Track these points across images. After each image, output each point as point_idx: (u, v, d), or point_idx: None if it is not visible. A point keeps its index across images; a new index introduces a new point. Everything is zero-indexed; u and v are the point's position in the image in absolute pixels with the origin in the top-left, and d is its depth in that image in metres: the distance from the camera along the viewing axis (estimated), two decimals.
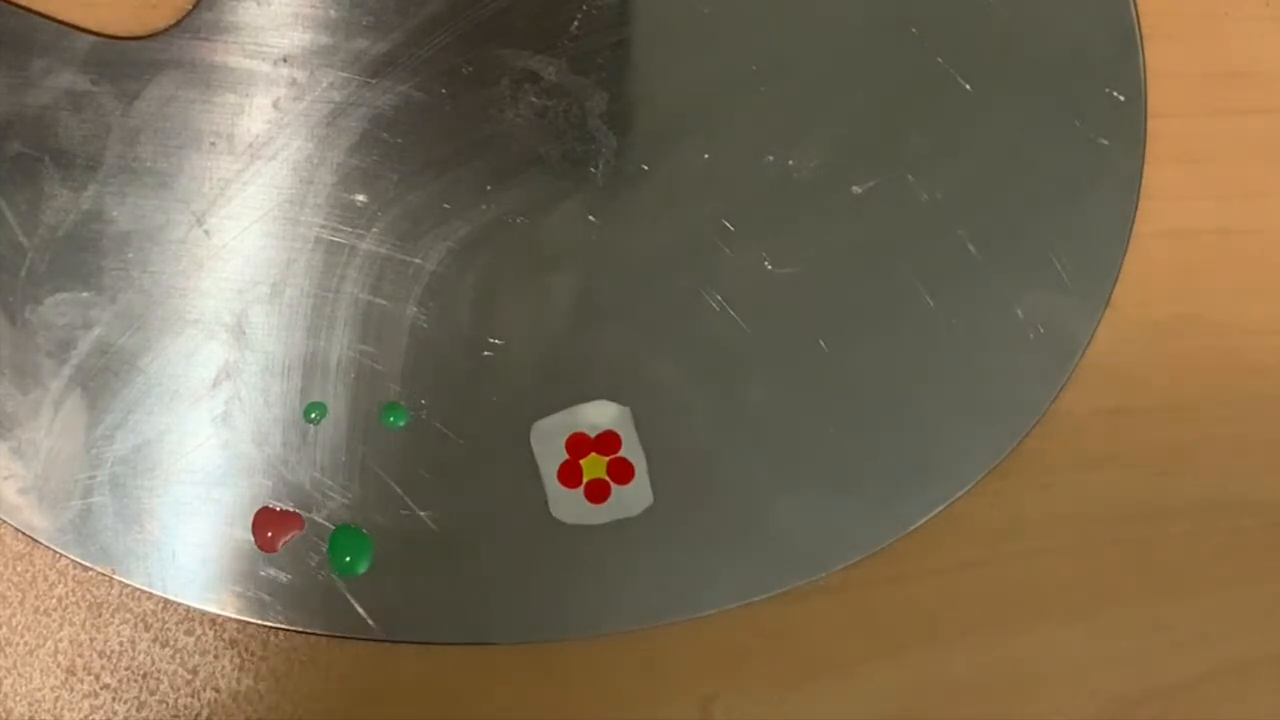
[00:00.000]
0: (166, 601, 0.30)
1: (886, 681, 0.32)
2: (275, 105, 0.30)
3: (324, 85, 0.30)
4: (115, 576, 0.30)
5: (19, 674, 0.30)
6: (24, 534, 0.29)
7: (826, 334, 0.31)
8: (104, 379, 0.30)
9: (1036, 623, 0.32)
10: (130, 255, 0.30)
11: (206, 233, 0.30)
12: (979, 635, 0.32)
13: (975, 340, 0.31)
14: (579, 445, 0.30)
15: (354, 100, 0.30)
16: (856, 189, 0.31)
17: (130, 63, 0.30)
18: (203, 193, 0.30)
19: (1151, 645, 0.33)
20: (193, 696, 0.30)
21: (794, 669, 0.32)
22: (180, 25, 0.30)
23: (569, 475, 0.30)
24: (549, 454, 0.30)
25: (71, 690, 0.30)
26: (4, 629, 0.30)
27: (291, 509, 0.30)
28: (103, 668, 0.30)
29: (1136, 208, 0.32)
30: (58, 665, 0.30)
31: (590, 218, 0.31)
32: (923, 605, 0.32)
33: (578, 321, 0.31)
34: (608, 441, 0.30)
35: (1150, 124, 0.32)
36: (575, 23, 0.31)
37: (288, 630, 0.30)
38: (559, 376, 0.30)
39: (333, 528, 0.30)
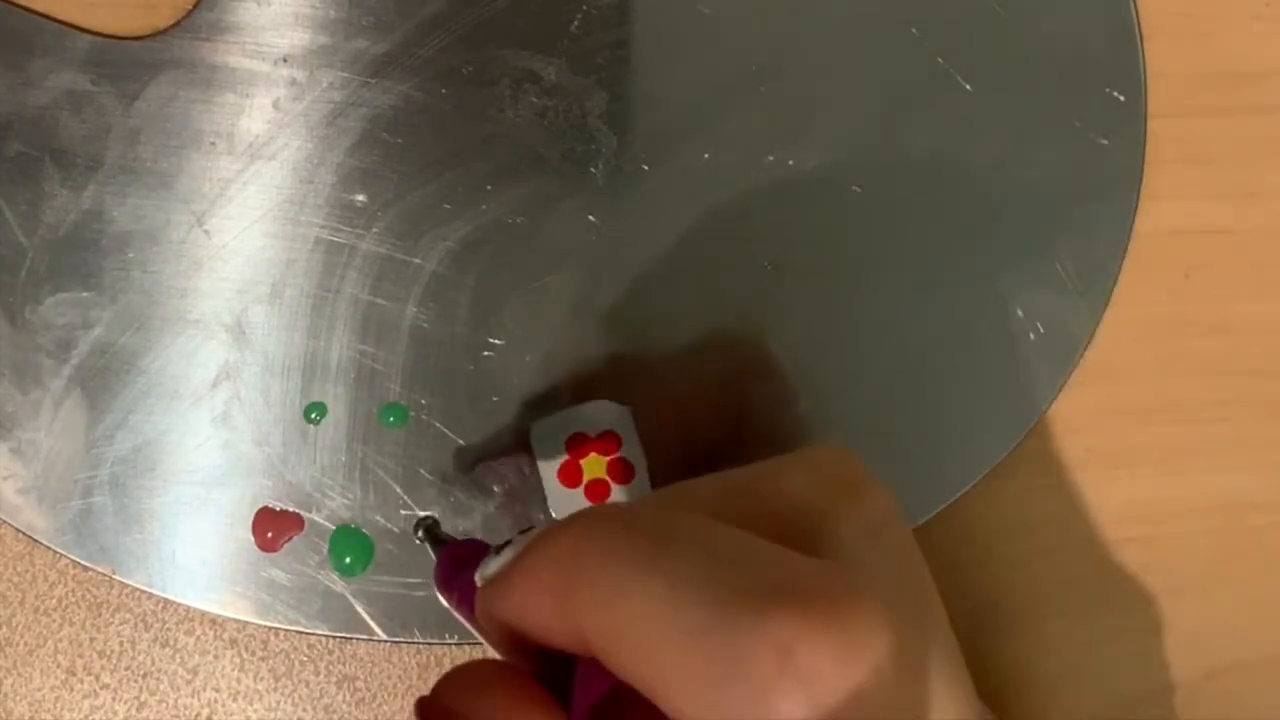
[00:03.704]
0: (166, 601, 0.30)
1: None
2: (275, 105, 0.30)
3: (324, 85, 0.30)
4: (115, 576, 0.30)
5: (19, 674, 0.30)
6: (24, 534, 0.29)
7: (826, 334, 0.31)
8: (104, 379, 0.30)
9: (1036, 623, 0.32)
10: (130, 255, 0.30)
11: (206, 233, 0.30)
12: (979, 635, 0.32)
13: (975, 340, 0.31)
14: (579, 445, 0.30)
15: (354, 100, 0.30)
16: (856, 189, 0.31)
17: (130, 63, 0.30)
18: (203, 193, 0.30)
19: (1151, 645, 0.33)
20: (193, 696, 0.30)
21: None
22: (180, 25, 0.30)
23: (569, 475, 0.30)
24: (549, 454, 0.30)
25: (71, 690, 0.30)
26: (4, 629, 0.30)
27: (291, 509, 0.30)
28: (103, 668, 0.30)
29: (1136, 208, 0.32)
30: (58, 665, 0.30)
31: (590, 218, 0.31)
32: None
33: (578, 321, 0.31)
34: (608, 441, 0.30)
35: (1150, 124, 0.32)
36: (575, 23, 0.31)
37: (288, 630, 0.30)
38: (559, 376, 0.30)
39: (333, 528, 0.30)
